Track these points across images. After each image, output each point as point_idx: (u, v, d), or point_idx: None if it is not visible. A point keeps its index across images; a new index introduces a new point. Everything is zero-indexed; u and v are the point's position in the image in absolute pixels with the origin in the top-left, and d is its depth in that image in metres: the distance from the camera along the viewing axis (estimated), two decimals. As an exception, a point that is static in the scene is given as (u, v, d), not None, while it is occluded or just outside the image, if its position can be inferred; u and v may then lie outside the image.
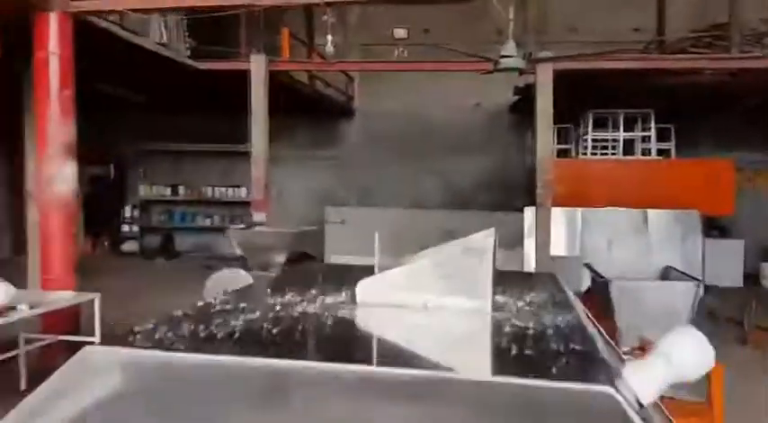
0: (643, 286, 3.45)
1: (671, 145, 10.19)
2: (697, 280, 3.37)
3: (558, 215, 8.92)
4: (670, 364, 0.93)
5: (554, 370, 0.93)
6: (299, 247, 3.99)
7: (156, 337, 0.95)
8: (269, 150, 8.51)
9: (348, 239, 9.91)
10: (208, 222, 12.60)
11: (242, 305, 1.07)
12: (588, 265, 3.93)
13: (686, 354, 0.93)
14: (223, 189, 12.38)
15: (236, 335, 0.90)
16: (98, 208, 12.70)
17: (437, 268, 1.02)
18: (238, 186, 12.09)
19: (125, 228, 12.80)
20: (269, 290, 1.24)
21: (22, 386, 4.92)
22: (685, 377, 0.93)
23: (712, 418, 3.14)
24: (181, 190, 12.55)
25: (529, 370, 0.94)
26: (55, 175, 5.28)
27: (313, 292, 1.20)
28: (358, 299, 1.04)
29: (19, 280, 6.78)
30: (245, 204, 10.08)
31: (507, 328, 1.03)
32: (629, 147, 10.15)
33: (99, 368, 0.88)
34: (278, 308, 1.06)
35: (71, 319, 5.22)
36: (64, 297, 4.75)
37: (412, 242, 10.15)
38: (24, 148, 7.53)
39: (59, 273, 5.35)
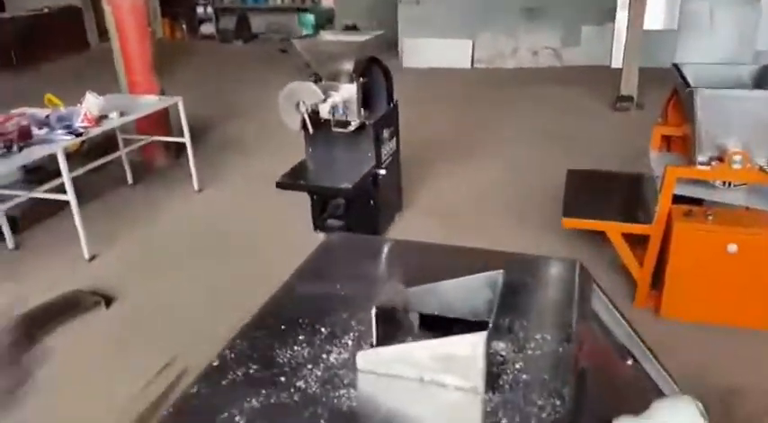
0: (731, 95, 3.19)
1: None
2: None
3: (659, -20, 7.97)
4: None
5: None
6: (366, 53, 3.88)
7: None
8: None
9: (423, 21, 9.42)
10: (279, 1, 12.17)
11: (250, 370, 1.07)
12: (676, 67, 3.63)
13: (675, 420, 0.91)
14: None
15: None
16: (171, -11, 12.49)
17: (432, 350, 1.00)
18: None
19: (200, 9, 12.63)
20: (282, 326, 1.19)
21: (129, 181, 5.48)
22: None
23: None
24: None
25: None
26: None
27: (323, 331, 1.16)
28: (359, 366, 1.05)
29: (109, 67, 7.01)
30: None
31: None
32: None
33: None
34: (282, 379, 1.05)
35: (161, 120, 5.53)
36: (149, 102, 4.98)
37: (491, 23, 9.53)
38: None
39: (141, 73, 5.54)
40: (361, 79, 3.81)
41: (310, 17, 3.84)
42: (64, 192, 4.05)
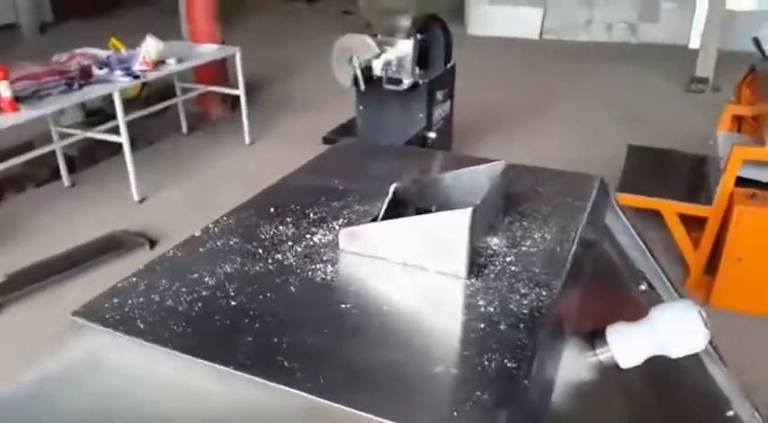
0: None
1: None
2: None
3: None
4: (653, 335, 0.83)
5: None
6: (426, 9, 3.76)
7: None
8: None
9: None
10: (349, -38, 12.03)
11: (230, 241, 1.08)
12: (756, 40, 3.37)
13: (674, 328, 0.83)
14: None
15: (192, 313, 0.86)
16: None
17: (417, 229, 0.94)
18: None
19: (268, -33, 12.62)
20: (272, 209, 1.20)
21: (184, 130, 5.56)
22: (670, 352, 0.84)
23: None
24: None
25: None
26: None
27: (312, 216, 1.15)
28: (341, 245, 1.01)
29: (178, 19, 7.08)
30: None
31: (467, 303, 0.88)
32: None
33: None
34: (260, 251, 1.03)
35: (218, 70, 5.57)
36: (208, 51, 4.99)
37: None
38: None
39: (203, 24, 5.57)
40: (419, 36, 3.69)
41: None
42: (119, 134, 4.13)
